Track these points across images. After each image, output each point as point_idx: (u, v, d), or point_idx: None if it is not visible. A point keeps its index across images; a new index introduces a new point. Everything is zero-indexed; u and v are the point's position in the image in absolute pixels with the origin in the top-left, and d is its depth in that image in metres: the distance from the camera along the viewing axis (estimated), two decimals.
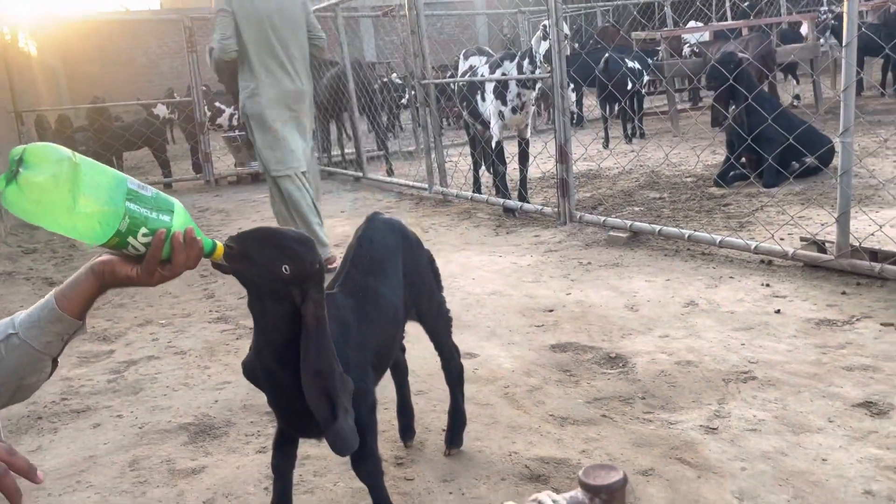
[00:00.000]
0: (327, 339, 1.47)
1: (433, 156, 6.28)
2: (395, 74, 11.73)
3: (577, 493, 0.89)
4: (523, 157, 5.54)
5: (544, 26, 4.80)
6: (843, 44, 3.26)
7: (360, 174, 7.84)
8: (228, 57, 4.25)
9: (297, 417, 1.59)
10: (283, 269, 1.41)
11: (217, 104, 10.71)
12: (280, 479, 1.76)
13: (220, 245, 1.34)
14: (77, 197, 1.16)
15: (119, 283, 1.29)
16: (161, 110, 13.15)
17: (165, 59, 19.60)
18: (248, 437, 2.46)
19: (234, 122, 10.59)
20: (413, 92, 10.30)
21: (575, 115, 10.56)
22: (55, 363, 1.33)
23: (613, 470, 0.89)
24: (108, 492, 2.15)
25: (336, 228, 5.71)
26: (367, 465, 1.69)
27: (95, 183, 1.19)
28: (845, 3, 3.24)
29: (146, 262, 1.24)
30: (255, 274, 1.43)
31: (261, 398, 2.69)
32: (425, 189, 6.55)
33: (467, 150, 7.23)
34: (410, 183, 6.94)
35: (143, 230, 1.22)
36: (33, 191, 1.15)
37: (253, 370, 1.61)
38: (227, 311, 3.88)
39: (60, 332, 1.28)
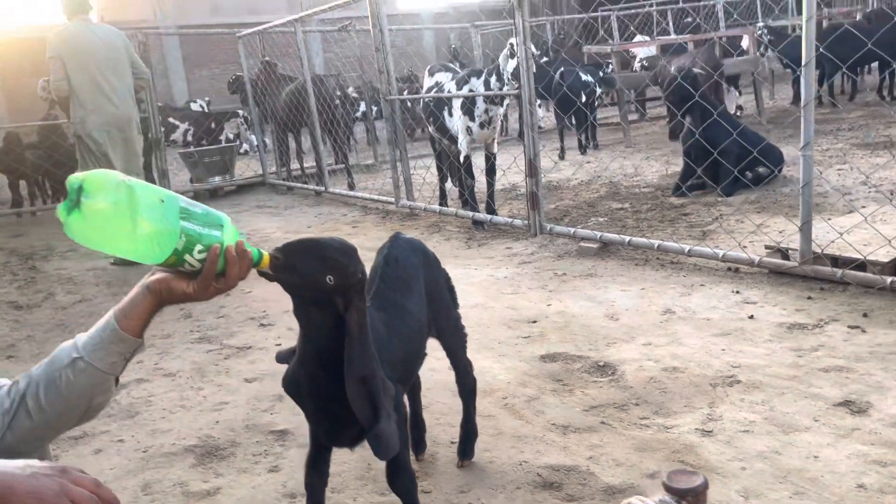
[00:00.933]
0: (370, 345, 1.54)
1: (399, 169, 6.34)
2: (350, 88, 11.76)
3: (666, 496, 0.98)
4: (491, 171, 5.66)
5: (511, 45, 4.94)
6: (802, 63, 3.46)
7: (322, 188, 7.84)
8: (62, 94, 5.31)
9: (335, 426, 1.64)
10: (328, 279, 1.47)
11: (171, 120, 10.55)
12: (313, 497, 1.80)
13: (266, 255, 1.40)
14: (137, 220, 1.20)
15: (176, 300, 1.34)
16: None
17: None
18: (257, 456, 2.48)
19: (189, 138, 10.46)
20: (373, 106, 10.39)
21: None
22: (117, 382, 1.37)
23: (695, 475, 0.98)
24: None
25: None
26: (402, 477, 1.75)
27: (151, 204, 1.23)
28: (804, 24, 3.44)
29: (202, 277, 1.29)
30: (301, 284, 1.48)
31: (262, 418, 2.73)
32: (392, 203, 6.60)
33: (429, 162, 7.33)
34: (376, 197, 6.99)
35: (199, 247, 1.26)
36: (97, 218, 1.19)
37: (295, 381, 1.65)
38: (209, 331, 3.87)
39: (123, 352, 1.33)
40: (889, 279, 3.31)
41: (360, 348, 1.51)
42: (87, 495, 1.06)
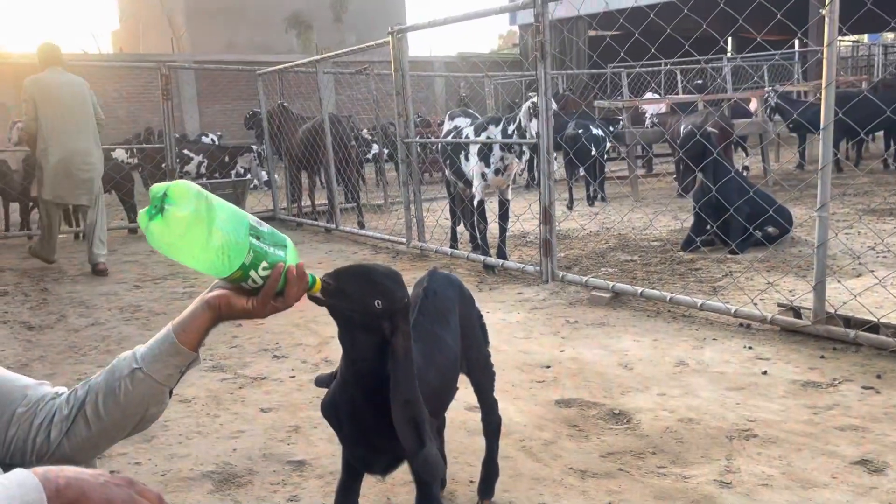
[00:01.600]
0: (413, 370, 1.57)
1: (412, 210, 6.42)
2: (364, 130, 11.94)
3: None
4: (504, 216, 5.74)
5: (534, 103, 5.06)
6: (821, 126, 3.56)
7: (333, 226, 7.91)
8: (31, 132, 6.19)
9: (371, 452, 1.67)
10: (376, 303, 1.52)
11: (185, 151, 10.69)
12: None
13: (318, 280, 1.45)
14: (212, 231, 1.26)
15: (234, 316, 1.38)
16: (119, 154, 12.99)
17: (122, 104, 19.40)
18: (275, 485, 2.48)
19: (203, 170, 10.58)
20: (384, 148, 10.53)
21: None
22: (171, 394, 1.40)
23: None
24: None
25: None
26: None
27: (226, 218, 1.29)
28: (823, 92, 3.55)
29: (263, 294, 1.34)
30: (349, 308, 1.52)
31: (279, 448, 2.73)
32: (402, 243, 6.66)
33: (440, 204, 7.41)
34: (386, 237, 7.05)
35: (264, 264, 1.31)
36: (179, 225, 1.24)
37: (334, 405, 1.68)
38: (222, 360, 3.88)
39: (179, 365, 1.37)
40: None
41: (406, 371, 1.55)
42: None
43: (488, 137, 5.55)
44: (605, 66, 14.36)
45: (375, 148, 11.41)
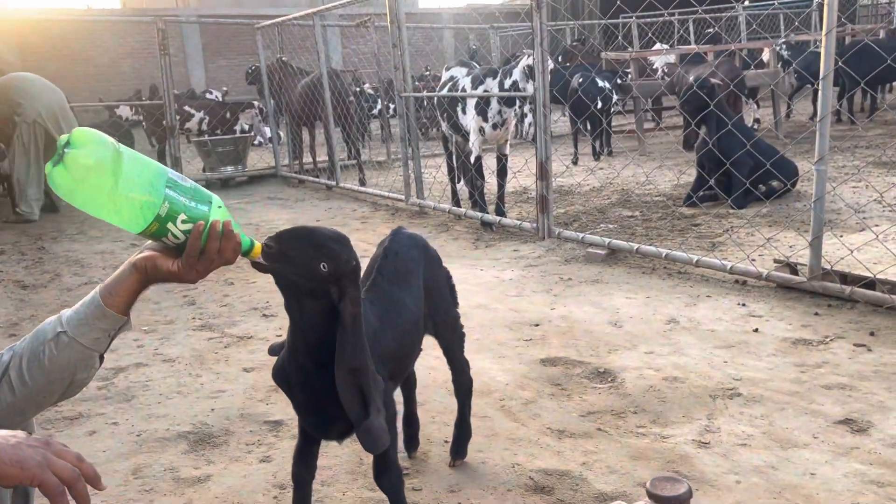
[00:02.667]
0: (362, 337, 1.52)
1: (411, 167, 6.33)
2: (367, 84, 11.76)
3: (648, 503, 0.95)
4: (502, 172, 5.64)
5: (529, 66, 4.92)
6: (821, 76, 3.43)
7: (333, 183, 7.84)
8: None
9: (324, 419, 1.63)
10: (321, 266, 1.45)
11: (186, 108, 10.59)
12: (300, 489, 1.79)
13: (258, 244, 1.38)
14: (119, 179, 1.19)
15: (161, 278, 1.32)
16: (124, 111, 12.93)
17: (126, 60, 19.24)
18: (249, 445, 2.47)
19: (204, 127, 10.49)
20: (388, 103, 10.38)
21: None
22: (101, 359, 1.36)
23: (678, 482, 0.96)
24: (115, 500, 2.14)
25: None
26: (390, 474, 1.73)
27: (137, 169, 1.23)
28: (823, 37, 3.40)
29: (186, 253, 1.27)
30: (294, 272, 1.46)
31: (258, 408, 2.72)
32: (401, 200, 6.59)
33: (439, 161, 7.31)
34: (386, 193, 6.98)
35: (182, 216, 1.24)
36: (78, 170, 1.18)
37: (284, 373, 1.64)
38: (211, 319, 3.87)
39: (107, 329, 1.32)
40: None
41: (353, 339, 1.49)
42: (69, 468, 1.06)
43: (485, 91, 5.42)
44: (619, 18, 14.01)
45: (381, 104, 11.25)
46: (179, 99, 10.29)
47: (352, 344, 1.49)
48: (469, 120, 5.54)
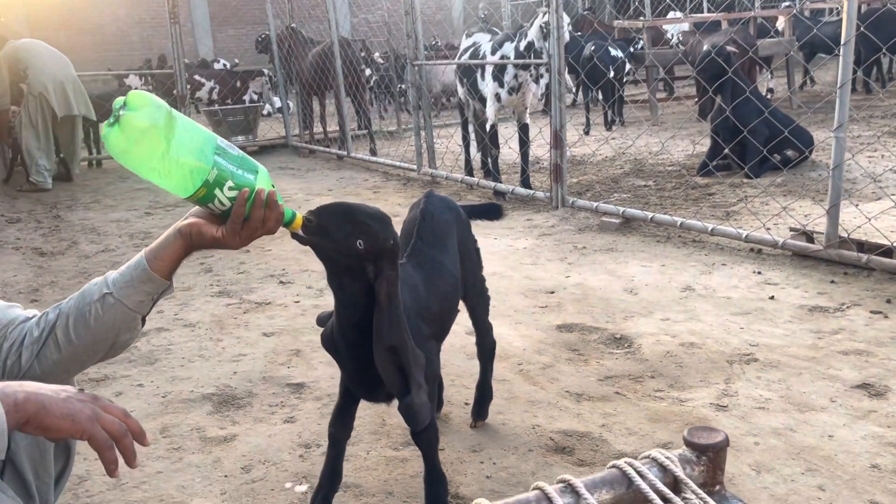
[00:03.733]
0: (400, 316, 1.53)
1: (423, 136, 6.32)
2: (377, 54, 11.68)
3: (685, 451, 0.98)
4: (522, 142, 5.60)
5: (545, 23, 4.86)
6: (842, 42, 3.39)
7: (344, 153, 7.84)
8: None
9: (371, 385, 1.66)
10: (358, 243, 1.47)
11: (196, 77, 10.56)
12: (335, 447, 1.82)
13: (299, 216, 1.39)
14: (171, 143, 1.21)
15: (205, 245, 1.34)
16: (133, 81, 12.89)
17: (135, 29, 19.12)
18: (273, 407, 2.51)
19: (215, 96, 10.46)
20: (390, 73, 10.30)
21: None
22: (144, 321, 1.39)
23: (715, 431, 0.98)
24: (145, 457, 2.19)
25: None
26: (428, 433, 1.76)
27: (189, 134, 1.24)
28: (845, 3, 3.37)
29: (231, 220, 1.29)
30: (331, 248, 1.48)
31: (279, 371, 2.76)
32: (413, 170, 6.59)
33: (451, 130, 7.29)
34: (398, 163, 6.97)
35: (230, 183, 1.26)
36: (133, 132, 1.20)
37: (332, 340, 1.66)
38: (228, 286, 3.90)
39: (151, 292, 1.34)
40: None
41: (390, 318, 1.51)
42: (117, 423, 1.09)
43: (503, 56, 5.37)
44: None
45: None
46: (190, 68, 10.23)
47: (388, 323, 1.50)
48: (486, 86, 5.49)
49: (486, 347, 2.25)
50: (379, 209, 1.55)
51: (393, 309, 1.51)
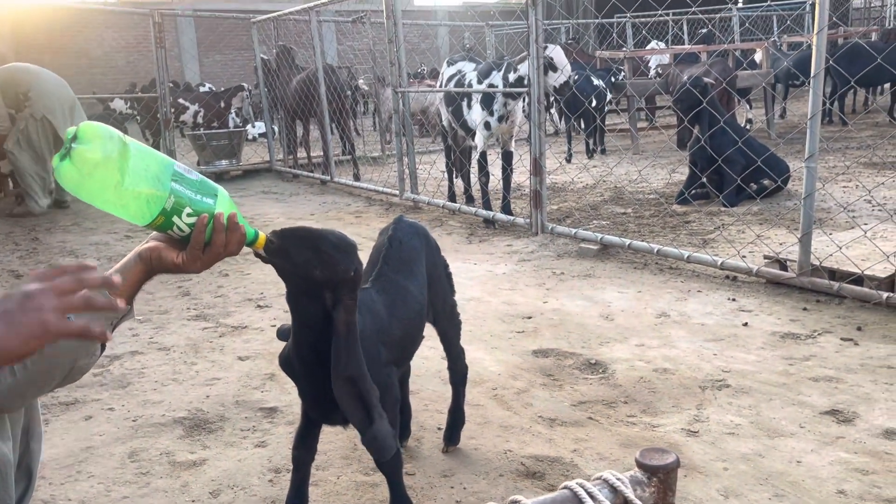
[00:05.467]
0: (357, 345, 1.53)
1: (405, 162, 6.36)
2: (361, 80, 11.77)
3: (636, 472, 0.99)
4: (504, 169, 5.63)
5: (549, 57, 4.95)
6: (811, 75, 3.47)
7: (328, 178, 7.86)
8: None
9: (328, 406, 1.65)
10: (317, 272, 1.48)
11: (180, 101, 10.58)
12: (299, 470, 1.82)
13: (262, 235, 1.40)
14: (125, 174, 1.20)
15: (165, 269, 1.33)
16: (118, 105, 12.89)
17: (121, 53, 19.19)
18: (245, 431, 2.50)
19: (199, 120, 10.48)
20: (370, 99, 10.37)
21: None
22: (103, 346, 1.38)
23: (666, 452, 1.00)
24: (111, 482, 2.17)
25: None
26: (391, 458, 1.76)
27: (144, 163, 1.23)
28: (814, 38, 3.45)
29: (191, 244, 1.28)
30: (290, 272, 1.49)
31: (252, 395, 2.75)
32: (396, 195, 6.62)
33: (433, 157, 7.34)
34: (380, 188, 7.00)
35: (188, 210, 1.25)
36: (85, 165, 1.19)
37: (289, 361, 1.66)
38: (205, 309, 3.89)
39: (110, 318, 1.32)
40: (885, 294, 3.32)
41: (347, 348, 1.51)
42: (77, 299, 0.99)
43: (491, 84, 5.42)
44: (613, 17, 14.06)
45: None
46: (173, 92, 10.26)
47: (346, 353, 1.51)
48: (475, 115, 5.53)
49: (458, 372, 2.26)
50: (345, 237, 1.55)
51: (351, 338, 1.52)
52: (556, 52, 5.03)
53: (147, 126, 10.20)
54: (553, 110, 9.24)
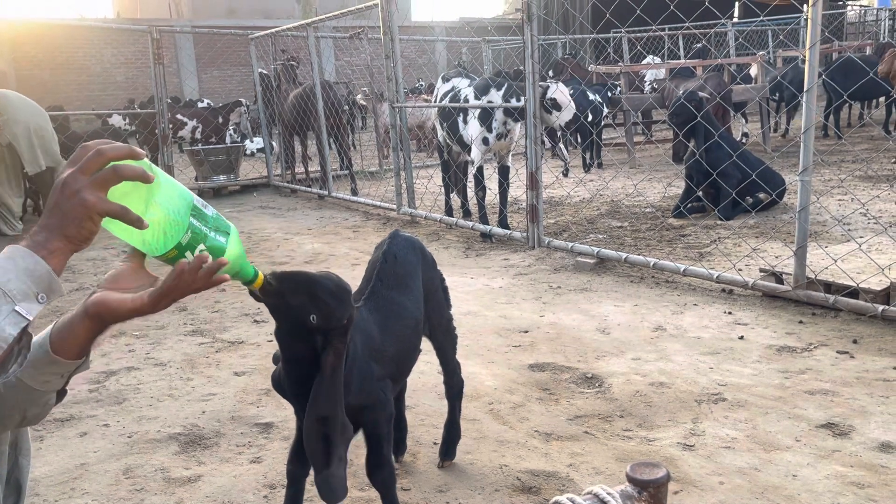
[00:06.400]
0: (339, 387, 1.54)
1: (403, 176, 6.38)
2: (359, 96, 11.82)
3: (627, 487, 0.99)
4: (501, 184, 5.65)
5: (550, 101, 4.99)
6: (804, 89, 3.50)
7: (325, 192, 7.88)
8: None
9: None
10: (311, 318, 1.48)
11: (179, 116, 10.62)
12: (293, 485, 1.81)
13: (261, 275, 1.38)
14: (149, 205, 1.19)
15: (123, 318, 1.21)
16: (116, 120, 12.94)
17: (120, 69, 19.27)
18: (240, 447, 2.49)
19: (198, 136, 10.52)
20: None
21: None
22: (61, 394, 1.27)
23: (657, 467, 1.00)
24: (105, 499, 2.16)
25: (304, 245, 5.75)
26: (382, 472, 1.76)
27: (167, 194, 1.21)
28: (807, 52, 3.48)
29: (164, 290, 1.17)
30: (285, 315, 1.49)
31: (248, 411, 2.74)
32: (393, 209, 6.64)
33: (430, 171, 7.36)
34: (378, 203, 7.02)
35: (201, 246, 1.24)
36: (113, 194, 1.18)
37: (280, 383, 1.66)
38: (202, 325, 3.89)
39: (59, 372, 1.21)
40: (881, 307, 3.33)
41: (329, 390, 1.52)
42: (107, 172, 1.05)
43: (489, 101, 5.45)
44: (609, 32, 14.15)
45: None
46: (172, 108, 10.30)
47: (326, 394, 1.51)
48: (472, 130, 5.55)
49: (453, 387, 2.26)
50: (341, 283, 1.56)
51: (334, 380, 1.52)
52: (559, 93, 5.06)
53: (145, 142, 10.22)
54: (561, 144, 9.28)
